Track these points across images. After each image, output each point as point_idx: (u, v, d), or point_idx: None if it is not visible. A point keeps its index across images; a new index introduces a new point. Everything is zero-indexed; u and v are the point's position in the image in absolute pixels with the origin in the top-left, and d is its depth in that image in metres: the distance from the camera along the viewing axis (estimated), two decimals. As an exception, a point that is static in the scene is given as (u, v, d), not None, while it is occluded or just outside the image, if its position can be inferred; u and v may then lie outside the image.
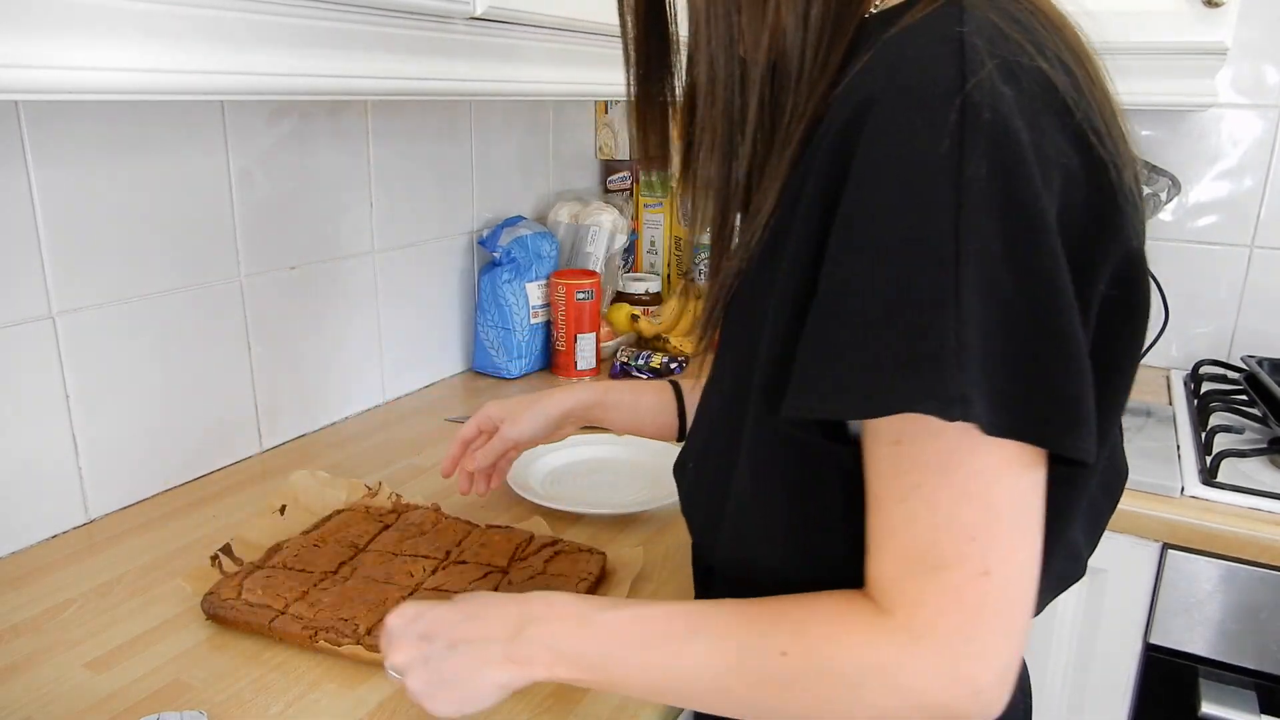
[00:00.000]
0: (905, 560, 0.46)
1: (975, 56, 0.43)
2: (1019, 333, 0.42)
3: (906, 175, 0.43)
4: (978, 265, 0.41)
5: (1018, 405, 0.42)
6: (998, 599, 0.44)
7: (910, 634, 0.45)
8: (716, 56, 0.53)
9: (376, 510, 0.92)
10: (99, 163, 0.89)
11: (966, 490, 0.44)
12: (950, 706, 0.45)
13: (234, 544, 0.83)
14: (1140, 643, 1.10)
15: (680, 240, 1.72)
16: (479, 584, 0.78)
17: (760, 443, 0.53)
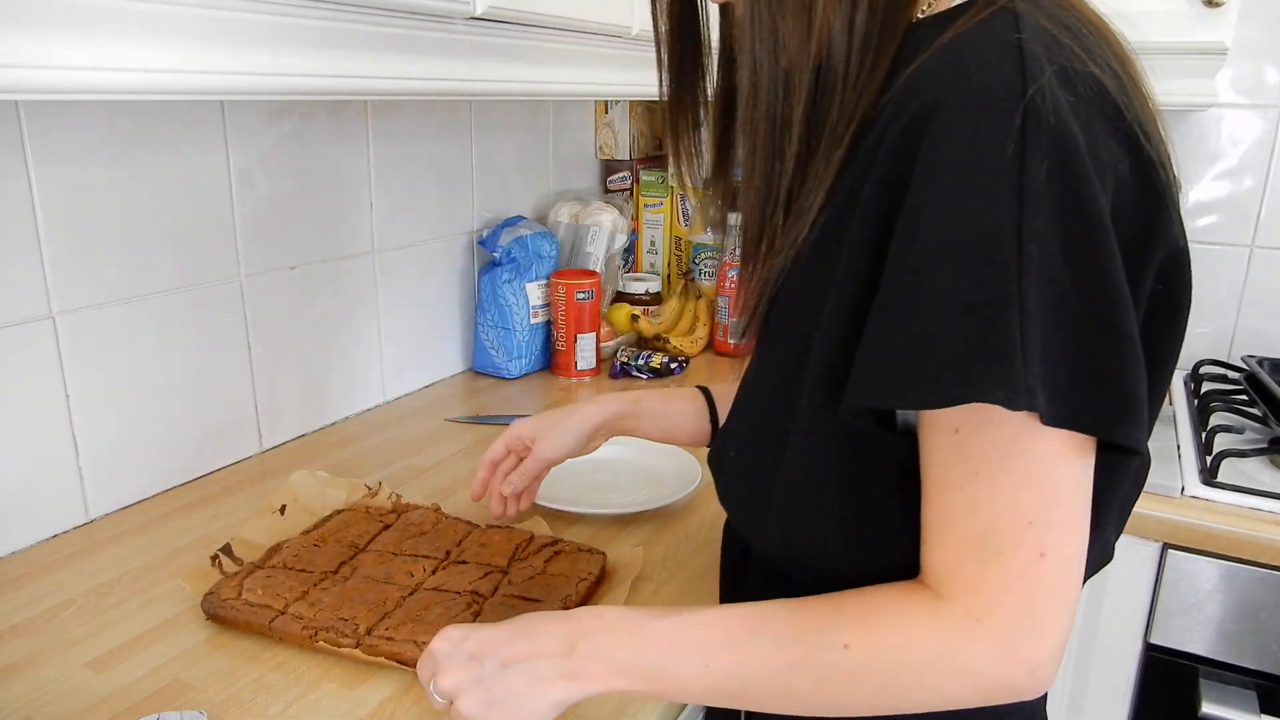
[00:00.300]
0: (964, 545, 0.48)
1: (1035, 63, 0.45)
2: (1078, 328, 0.44)
3: (971, 177, 0.45)
4: (1039, 265, 0.44)
5: (1076, 397, 0.45)
6: (1052, 581, 0.47)
7: (971, 617, 0.47)
8: (760, 61, 0.54)
9: (376, 510, 0.92)
10: (99, 163, 0.89)
11: (1027, 476, 0.46)
12: (1009, 684, 0.48)
13: (234, 544, 0.83)
14: (1140, 643, 1.10)
15: (680, 240, 1.72)
16: (479, 584, 0.78)
17: (813, 433, 0.54)
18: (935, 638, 0.48)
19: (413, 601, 0.75)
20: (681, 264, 1.72)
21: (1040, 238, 0.44)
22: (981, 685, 0.48)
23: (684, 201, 1.71)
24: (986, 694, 0.48)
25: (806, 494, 0.56)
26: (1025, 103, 0.44)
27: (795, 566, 0.59)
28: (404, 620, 0.72)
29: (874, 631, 0.50)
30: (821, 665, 0.50)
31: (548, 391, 1.38)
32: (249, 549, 0.84)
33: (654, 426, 0.88)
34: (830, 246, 0.53)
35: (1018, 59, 0.45)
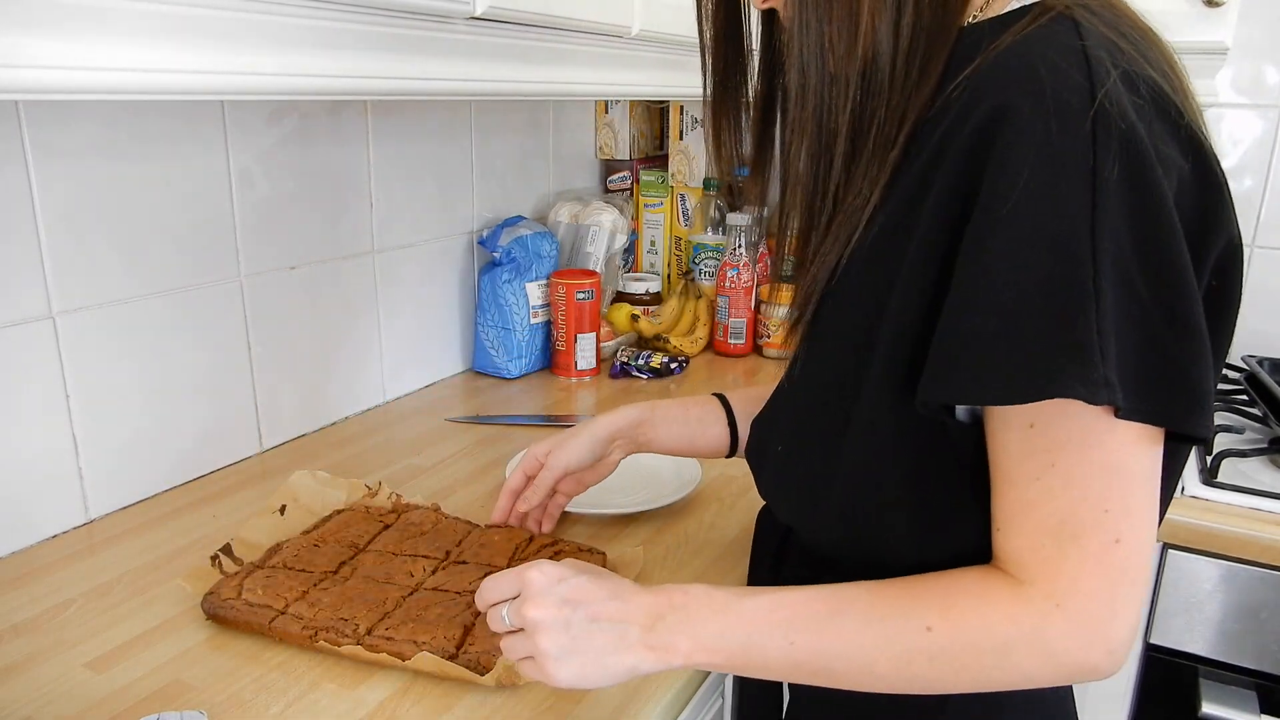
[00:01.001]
0: (1043, 532, 0.50)
1: (1101, 68, 0.47)
2: (1150, 324, 0.46)
3: (1045, 178, 0.46)
4: (1113, 262, 0.45)
5: (1150, 390, 0.46)
6: (1128, 565, 0.49)
7: (1052, 600, 0.49)
8: (808, 64, 0.56)
9: (376, 510, 0.92)
10: (99, 163, 0.89)
11: (1103, 466, 0.48)
12: (1088, 665, 0.49)
13: (234, 544, 0.83)
14: (1140, 643, 1.10)
15: (680, 240, 1.72)
16: (479, 584, 0.78)
17: (876, 425, 0.56)
18: (1017, 622, 0.50)
19: (412, 601, 0.75)
20: (681, 264, 1.72)
21: (1113, 236, 0.45)
22: (1063, 666, 0.50)
23: (684, 201, 1.71)
24: (1068, 675, 0.50)
25: (868, 484, 0.57)
26: (1095, 107, 0.46)
27: (849, 554, 0.60)
28: (404, 620, 0.72)
29: (956, 615, 0.51)
30: (904, 646, 0.52)
31: (548, 391, 1.38)
32: (249, 549, 0.83)
33: (670, 435, 0.87)
34: (891, 245, 0.54)
35: (1084, 64, 0.47)
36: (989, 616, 0.51)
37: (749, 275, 1.58)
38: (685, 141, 1.69)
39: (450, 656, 0.68)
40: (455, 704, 0.67)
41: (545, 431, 1.20)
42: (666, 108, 1.76)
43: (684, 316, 1.61)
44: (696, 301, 1.61)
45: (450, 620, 0.72)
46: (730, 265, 1.58)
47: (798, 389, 0.65)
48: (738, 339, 1.60)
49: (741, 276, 1.57)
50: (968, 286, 0.49)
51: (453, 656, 0.68)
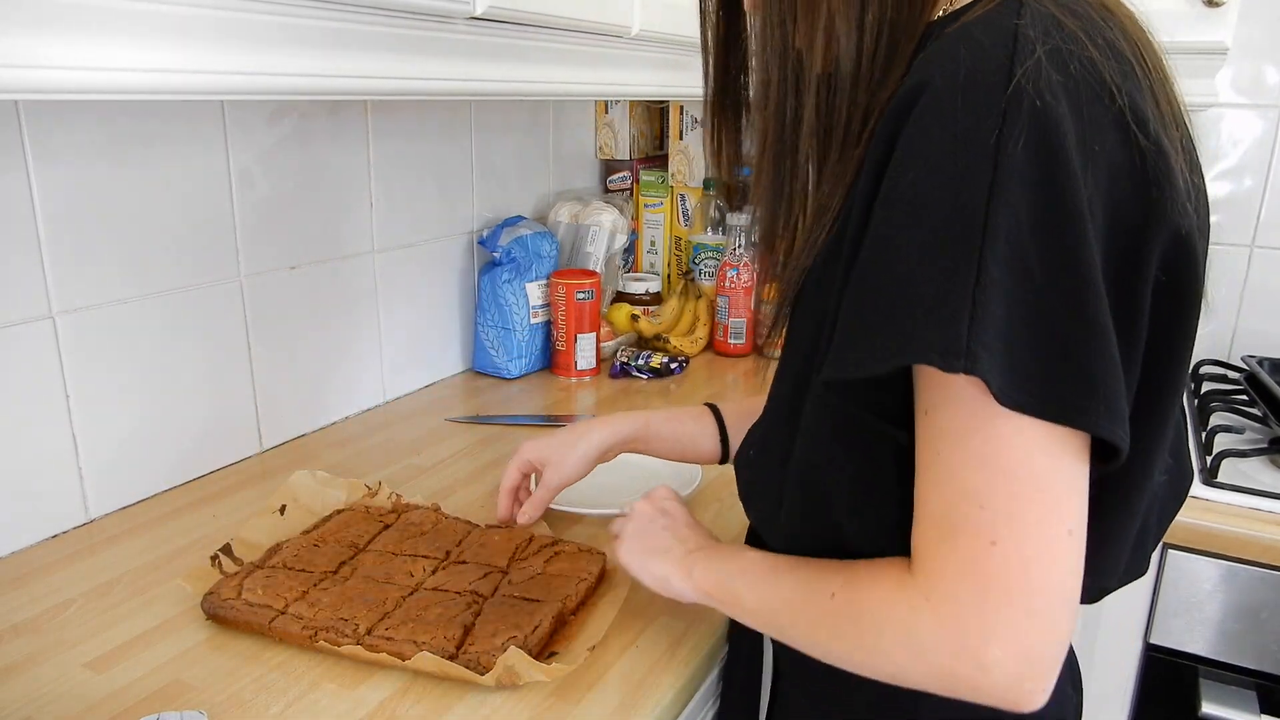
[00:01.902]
0: (928, 525, 0.48)
1: (1026, 45, 0.45)
2: (1040, 309, 0.43)
3: (947, 150, 0.44)
4: (1006, 239, 0.43)
5: (1033, 379, 0.43)
6: (1010, 572, 0.44)
7: (925, 596, 0.47)
8: (770, 62, 0.55)
9: (376, 510, 0.92)
10: (99, 163, 0.89)
11: (980, 456, 0.45)
12: (959, 675, 0.46)
13: (234, 544, 0.83)
14: (1140, 643, 1.10)
15: (680, 240, 1.72)
16: (479, 583, 0.78)
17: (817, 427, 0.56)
18: (891, 606, 0.49)
19: (412, 601, 0.75)
20: (681, 264, 1.72)
21: (1010, 216, 0.43)
22: (933, 668, 0.47)
23: (684, 201, 1.71)
24: (939, 679, 0.47)
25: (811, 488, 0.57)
26: (1011, 85, 0.44)
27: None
28: (404, 620, 0.72)
29: (853, 587, 0.52)
30: (814, 608, 0.54)
31: (548, 391, 1.38)
32: (249, 549, 0.83)
33: (665, 448, 0.89)
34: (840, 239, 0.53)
35: (1010, 42, 0.45)
36: (873, 593, 0.50)
37: (749, 275, 1.58)
38: (685, 141, 1.70)
39: (450, 656, 0.68)
40: (455, 704, 0.67)
41: (545, 432, 1.20)
42: (666, 108, 1.76)
43: (684, 316, 1.61)
44: (696, 301, 1.61)
45: (450, 620, 0.72)
46: (730, 265, 1.58)
47: (770, 395, 0.65)
48: (738, 339, 1.60)
49: (741, 276, 1.57)
50: (862, 263, 0.48)
51: (453, 656, 0.68)
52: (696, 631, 0.77)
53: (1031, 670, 0.45)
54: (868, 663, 0.51)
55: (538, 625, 0.71)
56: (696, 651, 0.74)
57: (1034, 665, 0.45)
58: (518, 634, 0.70)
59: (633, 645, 0.75)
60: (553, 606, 0.74)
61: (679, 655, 0.74)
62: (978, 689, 0.46)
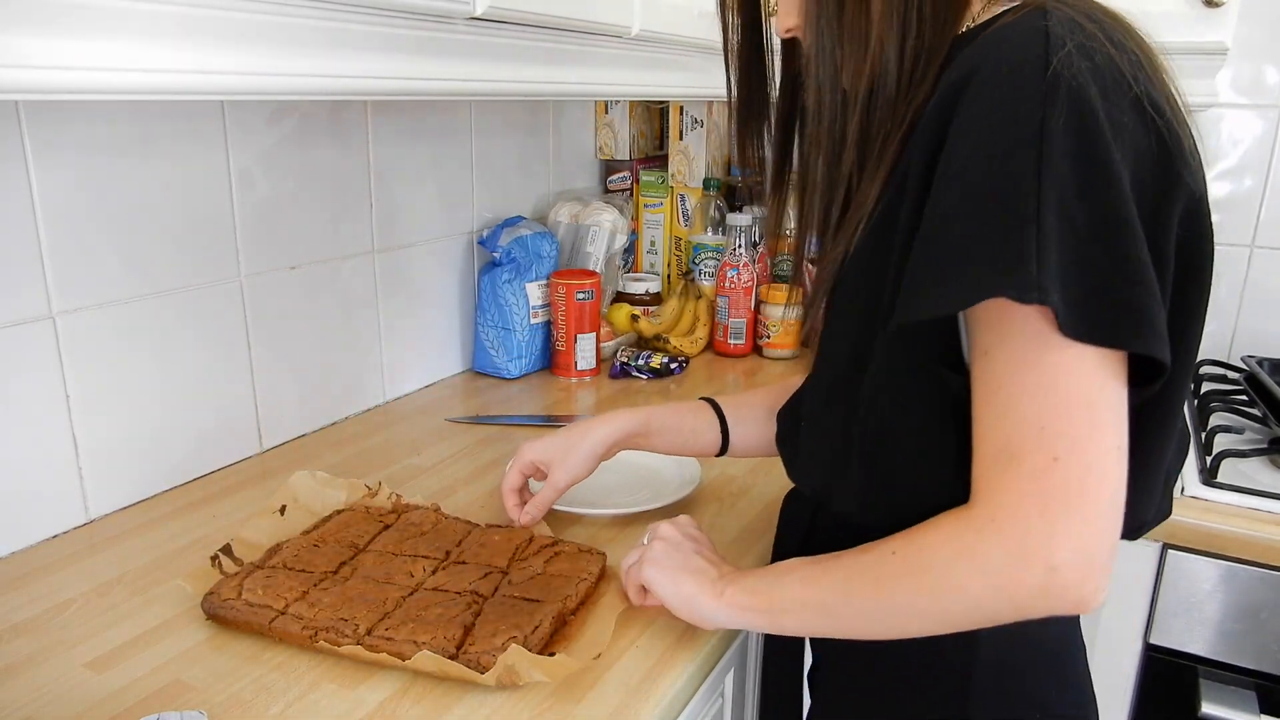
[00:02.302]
0: (990, 457, 0.53)
1: (1058, 40, 0.52)
2: (1089, 253, 0.50)
3: (998, 125, 0.52)
4: (1055, 197, 0.50)
5: (1089, 311, 0.50)
6: (1069, 484, 0.50)
7: (988, 519, 0.52)
8: (823, 84, 0.63)
9: (377, 510, 0.92)
10: (99, 163, 0.89)
11: (1038, 384, 0.51)
12: (1030, 583, 0.51)
13: (234, 544, 0.83)
14: (1140, 643, 1.10)
15: (680, 240, 1.72)
16: (479, 584, 0.78)
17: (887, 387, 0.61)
18: (956, 539, 0.54)
19: (412, 601, 0.75)
20: (681, 264, 1.72)
21: (1057, 180, 0.50)
22: (1004, 587, 0.52)
23: (684, 202, 1.71)
24: (1014, 599, 0.52)
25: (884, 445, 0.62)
26: (1049, 70, 0.51)
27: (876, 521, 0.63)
28: (403, 620, 0.72)
29: (914, 537, 0.57)
30: (875, 569, 0.58)
31: (548, 391, 1.38)
32: (249, 549, 0.83)
33: (666, 443, 0.91)
34: (889, 219, 0.60)
35: (1043, 38, 0.52)
36: (936, 536, 0.55)
37: (749, 275, 1.58)
38: (685, 141, 1.70)
39: (450, 656, 0.68)
40: (455, 704, 0.67)
41: (545, 432, 1.20)
42: (666, 108, 1.76)
43: (684, 317, 1.61)
44: (696, 302, 1.61)
45: (450, 620, 0.72)
46: (730, 265, 1.58)
47: (818, 368, 0.71)
48: (738, 339, 1.60)
49: (741, 277, 1.57)
50: (926, 223, 0.54)
51: (453, 656, 0.68)
52: (697, 632, 0.77)
53: (1092, 571, 0.51)
54: (937, 606, 0.55)
55: (538, 625, 0.71)
56: (696, 652, 0.74)
57: (1094, 566, 0.51)
58: (518, 634, 0.70)
59: (633, 645, 0.75)
60: (553, 606, 0.74)
61: (679, 655, 0.74)
62: (1048, 593, 0.51)
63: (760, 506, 1.00)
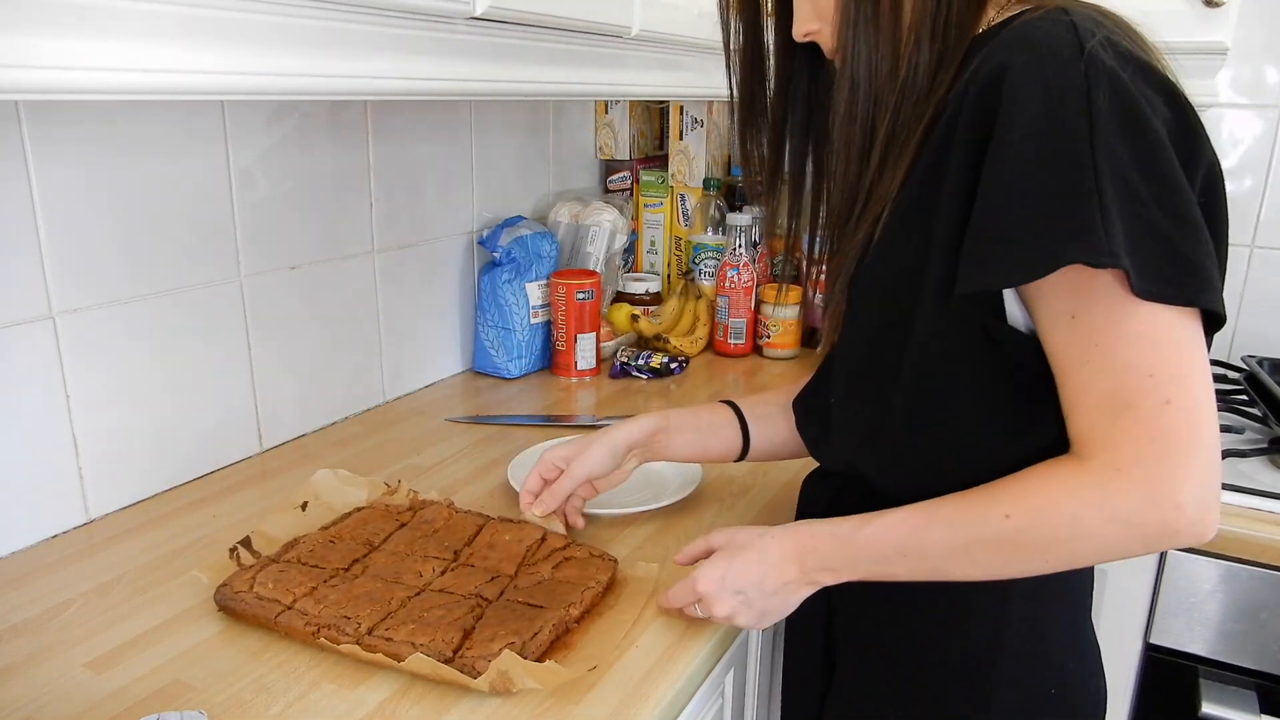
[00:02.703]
0: (1097, 409, 0.56)
1: (1086, 30, 0.56)
2: (1150, 217, 0.53)
3: (1047, 110, 0.55)
4: (1110, 168, 0.53)
5: (1158, 274, 0.53)
6: (1182, 425, 0.54)
7: (1113, 467, 0.55)
8: (858, 85, 0.66)
9: (395, 508, 0.92)
10: (99, 163, 0.89)
11: (1139, 335, 0.54)
12: (1160, 522, 0.54)
13: (254, 537, 0.84)
14: (1140, 643, 1.10)
15: (680, 240, 1.72)
16: (485, 587, 0.77)
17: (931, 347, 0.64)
18: (1081, 492, 0.56)
19: (417, 602, 0.75)
20: (681, 264, 1.72)
21: (1110, 154, 0.53)
22: (1136, 528, 0.55)
23: (684, 201, 1.71)
24: (1145, 538, 0.56)
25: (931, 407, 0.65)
26: (1085, 55, 0.55)
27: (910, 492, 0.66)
28: (405, 621, 0.72)
29: (1028, 498, 0.59)
30: (990, 538, 0.60)
31: (548, 391, 1.38)
32: (268, 543, 0.84)
33: (685, 441, 0.91)
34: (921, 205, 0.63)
35: (1072, 29, 0.56)
36: (1055, 493, 0.57)
37: (749, 275, 1.58)
38: (685, 141, 1.70)
39: (446, 660, 0.68)
40: (455, 705, 0.67)
41: (545, 432, 1.20)
42: (666, 108, 1.76)
43: (684, 316, 1.61)
44: (696, 301, 1.61)
45: (451, 623, 0.72)
46: (730, 265, 1.58)
47: (844, 350, 0.74)
48: (738, 339, 1.60)
49: (741, 276, 1.57)
50: (984, 198, 0.57)
51: (449, 660, 0.68)
52: (697, 632, 0.77)
53: (1212, 503, 0.55)
54: (1062, 556, 0.59)
55: (537, 632, 0.71)
56: (696, 652, 0.74)
57: (1213, 499, 0.55)
58: (516, 640, 0.69)
59: (633, 645, 0.75)
60: (555, 614, 0.73)
61: (679, 655, 0.74)
62: (1176, 530, 0.54)
63: (761, 506, 1.00)
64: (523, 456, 1.06)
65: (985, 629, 0.69)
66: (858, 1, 0.65)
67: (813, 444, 0.82)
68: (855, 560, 0.67)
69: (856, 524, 0.67)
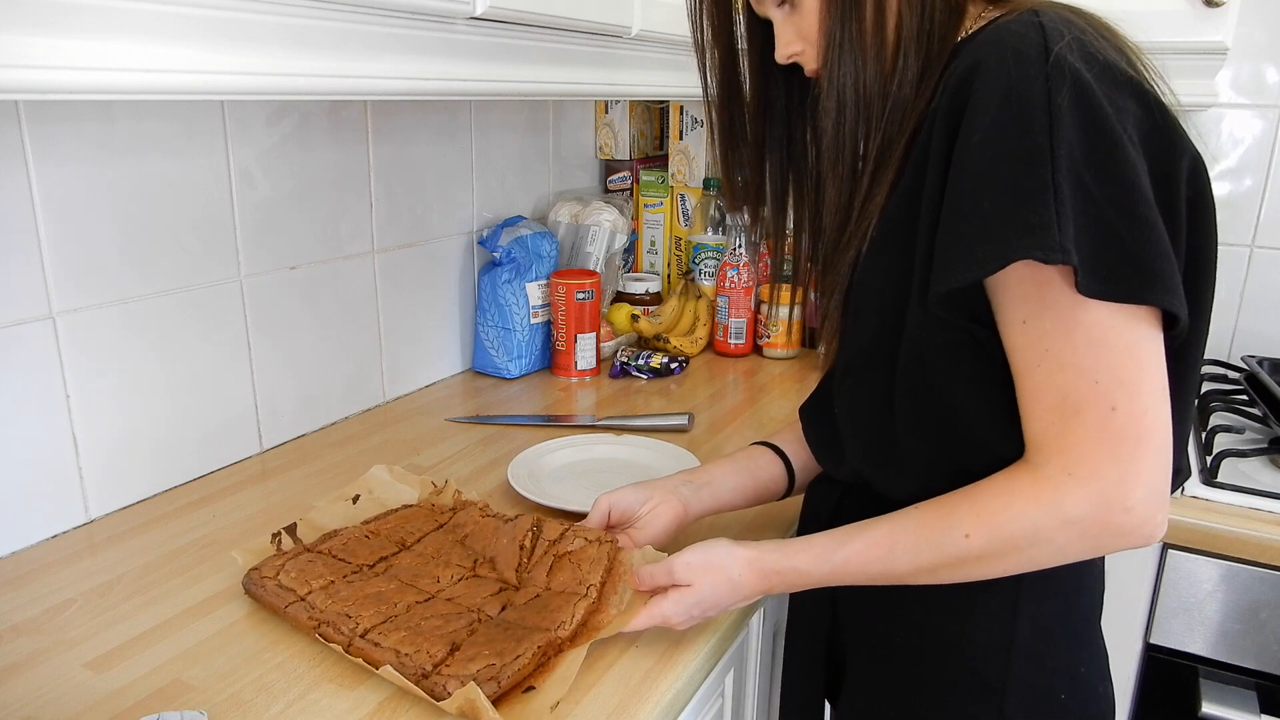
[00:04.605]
0: (1048, 414, 0.57)
1: (1055, 32, 0.57)
2: (1102, 216, 0.54)
3: (1009, 108, 0.56)
4: (1067, 166, 0.54)
5: (1104, 269, 0.54)
6: (1130, 429, 0.55)
7: (1065, 472, 0.56)
8: (844, 104, 0.66)
9: (439, 508, 0.92)
10: (99, 163, 0.89)
11: (1087, 340, 0.55)
12: (1110, 524, 0.56)
13: (300, 524, 0.85)
14: (1140, 643, 1.10)
15: (680, 240, 1.72)
16: (488, 601, 0.76)
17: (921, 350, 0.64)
18: (1039, 501, 0.57)
19: (421, 609, 0.74)
20: (681, 264, 1.72)
21: (1068, 149, 0.54)
22: (1087, 532, 0.56)
23: (684, 201, 1.71)
24: (1095, 540, 0.57)
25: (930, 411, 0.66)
26: (1050, 56, 0.55)
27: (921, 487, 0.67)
28: (400, 627, 0.71)
29: (988, 515, 0.60)
30: (953, 557, 0.61)
31: (548, 391, 1.38)
32: (312, 530, 0.86)
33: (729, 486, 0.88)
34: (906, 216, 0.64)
35: (1040, 31, 0.57)
36: (1014, 506, 0.59)
37: (749, 275, 1.58)
38: (685, 141, 1.70)
39: (425, 675, 0.66)
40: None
41: (545, 431, 1.20)
42: (666, 108, 1.76)
43: (684, 316, 1.61)
44: (696, 301, 1.61)
45: (442, 636, 0.70)
46: (730, 265, 1.58)
47: (842, 361, 0.74)
48: (738, 339, 1.60)
49: (741, 276, 1.57)
50: (949, 199, 0.58)
51: (427, 675, 0.66)
52: (697, 631, 0.77)
53: (1160, 504, 0.56)
54: (1022, 563, 0.60)
55: (519, 656, 0.67)
56: (696, 651, 0.74)
57: (1161, 500, 0.56)
58: (495, 663, 0.66)
59: (633, 645, 0.75)
60: (541, 636, 0.70)
61: (679, 655, 0.74)
62: (1126, 531, 0.56)
63: (763, 508, 1.00)
64: (523, 456, 1.06)
65: (993, 631, 0.69)
66: (843, 23, 0.65)
67: (819, 451, 0.83)
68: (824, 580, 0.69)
69: (821, 555, 0.68)
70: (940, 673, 0.72)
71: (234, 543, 0.88)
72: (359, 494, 0.94)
